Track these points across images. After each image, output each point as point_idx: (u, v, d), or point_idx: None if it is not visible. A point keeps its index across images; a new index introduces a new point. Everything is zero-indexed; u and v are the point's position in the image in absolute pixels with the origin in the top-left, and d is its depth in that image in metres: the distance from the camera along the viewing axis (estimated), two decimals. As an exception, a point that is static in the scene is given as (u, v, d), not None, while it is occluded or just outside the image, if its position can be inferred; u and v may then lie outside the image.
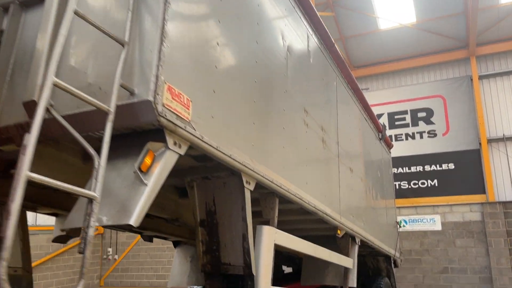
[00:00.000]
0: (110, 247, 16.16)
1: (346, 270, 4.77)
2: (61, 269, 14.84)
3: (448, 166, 13.01)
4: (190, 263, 5.69)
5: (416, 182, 13.34)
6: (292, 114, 3.49)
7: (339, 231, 4.52)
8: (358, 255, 7.08)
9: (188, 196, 2.93)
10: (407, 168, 13.50)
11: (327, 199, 4.16)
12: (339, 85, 4.96)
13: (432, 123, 13.43)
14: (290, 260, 7.10)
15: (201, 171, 2.86)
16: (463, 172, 12.78)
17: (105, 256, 16.26)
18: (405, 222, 13.09)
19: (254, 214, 3.17)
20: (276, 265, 7.69)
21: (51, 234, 14.49)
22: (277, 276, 7.36)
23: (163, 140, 2.04)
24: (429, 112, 13.53)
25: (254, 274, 2.76)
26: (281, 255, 6.65)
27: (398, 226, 7.73)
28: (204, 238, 2.91)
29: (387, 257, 7.02)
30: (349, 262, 4.74)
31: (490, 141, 12.75)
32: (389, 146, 7.81)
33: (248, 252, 2.75)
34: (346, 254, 4.81)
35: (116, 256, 16.08)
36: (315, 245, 3.79)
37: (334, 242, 4.96)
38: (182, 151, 2.15)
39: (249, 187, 2.77)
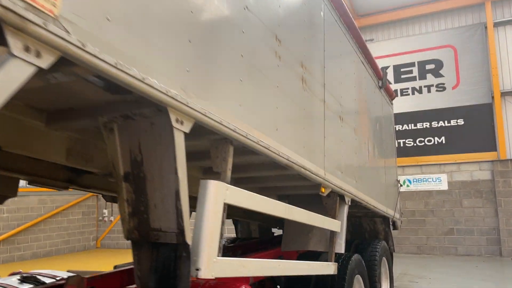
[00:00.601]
0: (106, 209, 15.76)
1: (332, 234, 4.10)
2: (55, 231, 14.53)
3: (457, 122, 12.16)
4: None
5: (422, 139, 12.55)
6: (255, 37, 2.69)
7: (323, 189, 3.81)
8: (352, 217, 6.46)
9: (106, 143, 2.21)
10: (412, 124, 12.67)
11: (306, 151, 3.43)
12: (328, 15, 4.11)
13: (441, 75, 12.47)
14: (282, 222, 6.47)
15: (121, 108, 2.12)
16: (473, 128, 11.94)
17: (100, 218, 15.92)
18: (409, 181, 12.41)
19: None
20: (265, 228, 7.10)
21: (42, 196, 14.08)
22: (266, 239, 6.77)
23: (2, 42, 1.29)
24: (438, 64, 12.54)
25: (189, 243, 2.07)
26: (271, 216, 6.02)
27: (400, 185, 7.04)
28: (129, 197, 2.22)
29: (385, 219, 6.36)
30: (336, 224, 4.07)
31: (503, 94, 11.81)
32: (391, 96, 6.99)
33: (181, 214, 2.05)
34: (333, 215, 4.13)
35: (112, 218, 15.72)
36: (287, 205, 3.08)
37: (321, 203, 4.28)
38: (43, 63, 1.40)
39: (181, 127, 2.04)
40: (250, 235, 7.08)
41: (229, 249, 5.38)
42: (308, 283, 4.33)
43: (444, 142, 12.26)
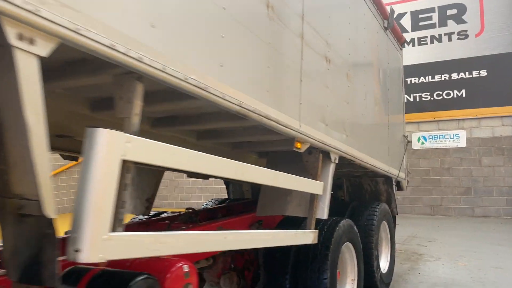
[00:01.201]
0: (112, 167, 15.46)
1: (313, 197, 3.46)
2: (60, 189, 14.39)
3: (479, 73, 11.11)
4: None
5: (440, 93, 11.58)
6: None
7: (298, 144, 3.14)
8: (351, 176, 5.80)
9: None
10: (430, 77, 11.67)
11: (271, 97, 2.74)
12: None
13: (463, 21, 11.31)
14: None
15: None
16: (496, 80, 10.89)
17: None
18: (425, 139, 11.58)
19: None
20: (258, 189, 6.52)
21: (45, 154, 13.85)
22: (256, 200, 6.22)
23: None
24: (461, 8, 11.33)
25: (51, 215, 1.47)
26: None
27: (407, 141, 6.29)
28: (-16, 151, 1.60)
29: (387, 179, 5.68)
30: (317, 186, 3.42)
31: (533, 42, 10.65)
32: (400, 40, 6.10)
33: (37, 175, 1.43)
34: (315, 175, 3.48)
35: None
36: (240, 164, 2.43)
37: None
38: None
39: (30, 48, 1.38)
40: (243, 196, 6.54)
41: (210, 212, 4.84)
42: (288, 253, 3.77)
43: (464, 95, 11.27)
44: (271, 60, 2.76)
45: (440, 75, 11.50)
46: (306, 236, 3.31)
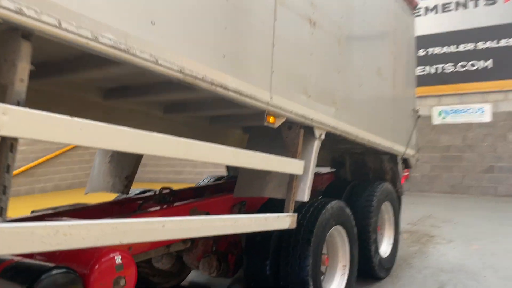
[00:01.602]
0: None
1: (292, 178, 3.11)
2: (76, 164, 14.48)
3: (507, 42, 10.26)
4: (108, 164, 4.28)
5: (465, 63, 10.81)
6: None
7: (271, 119, 2.77)
8: (356, 153, 5.39)
9: None
10: (454, 46, 10.89)
11: (229, 62, 2.37)
12: None
13: (492, -15, 10.41)
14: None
15: None
16: (527, 49, 10.04)
17: (122, 151, 15.67)
18: (446, 113, 10.91)
19: None
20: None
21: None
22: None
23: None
24: (490, -30, 10.43)
25: None
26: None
27: (417, 116, 5.78)
28: None
29: (393, 156, 5.24)
30: (296, 165, 3.05)
31: None
32: (411, 3, 5.51)
33: None
34: (295, 152, 3.11)
35: (133, 151, 15.44)
36: (182, 141, 2.09)
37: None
38: None
39: None
40: (243, 172, 6.23)
41: (196, 191, 4.56)
42: (270, 237, 3.45)
43: (490, 66, 10.48)
44: (229, 19, 2.37)
45: (465, 45, 10.70)
46: (281, 221, 2.97)
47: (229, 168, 6.35)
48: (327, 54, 3.45)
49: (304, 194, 3.15)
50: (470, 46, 10.66)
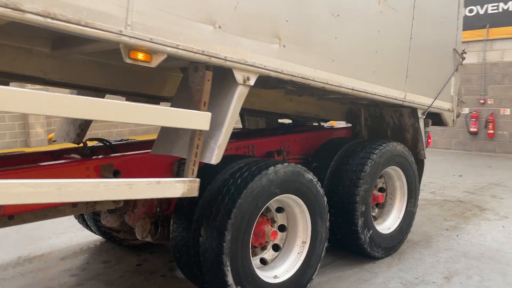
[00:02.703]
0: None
1: (194, 135, 2.44)
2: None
3: None
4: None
5: None
6: None
7: (136, 55, 2.10)
8: (373, 105, 4.38)
9: None
10: None
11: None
12: None
13: None
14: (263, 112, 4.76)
15: None
16: None
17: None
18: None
19: None
20: (271, 119, 5.47)
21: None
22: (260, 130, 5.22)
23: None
24: None
25: None
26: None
27: (460, 59, 4.48)
28: None
29: (413, 110, 4.15)
30: (199, 119, 2.36)
31: None
32: None
33: None
34: (198, 102, 2.42)
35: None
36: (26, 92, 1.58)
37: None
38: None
39: None
40: (257, 126, 5.65)
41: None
42: (196, 203, 2.89)
43: None
44: None
45: None
46: (172, 187, 2.35)
47: (243, 123, 5.77)
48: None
49: (212, 154, 2.48)
50: None
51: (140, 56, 2.14)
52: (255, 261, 3.13)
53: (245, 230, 2.75)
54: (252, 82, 2.60)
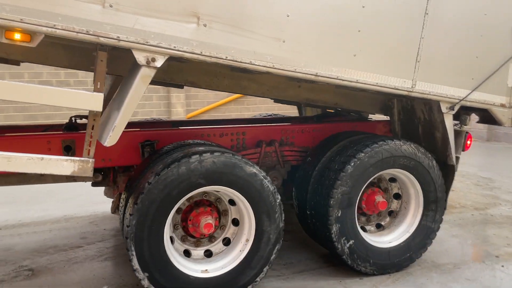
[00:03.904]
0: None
1: (91, 116, 2.42)
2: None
3: None
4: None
5: None
6: None
7: (9, 34, 2.19)
8: (403, 96, 3.69)
9: None
10: None
11: None
12: None
13: None
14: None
15: None
16: None
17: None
18: None
19: None
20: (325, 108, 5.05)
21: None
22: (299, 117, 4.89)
23: None
24: None
25: None
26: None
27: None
28: None
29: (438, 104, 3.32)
30: (90, 100, 2.33)
31: None
32: None
33: None
34: (96, 82, 2.41)
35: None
36: None
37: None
38: None
39: None
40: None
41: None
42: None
43: None
44: None
45: None
46: (59, 165, 2.41)
47: (300, 113, 5.51)
48: None
49: (106, 136, 2.45)
50: None
51: (17, 36, 2.24)
52: (197, 252, 3.02)
53: (153, 217, 2.64)
54: (159, 63, 2.47)
